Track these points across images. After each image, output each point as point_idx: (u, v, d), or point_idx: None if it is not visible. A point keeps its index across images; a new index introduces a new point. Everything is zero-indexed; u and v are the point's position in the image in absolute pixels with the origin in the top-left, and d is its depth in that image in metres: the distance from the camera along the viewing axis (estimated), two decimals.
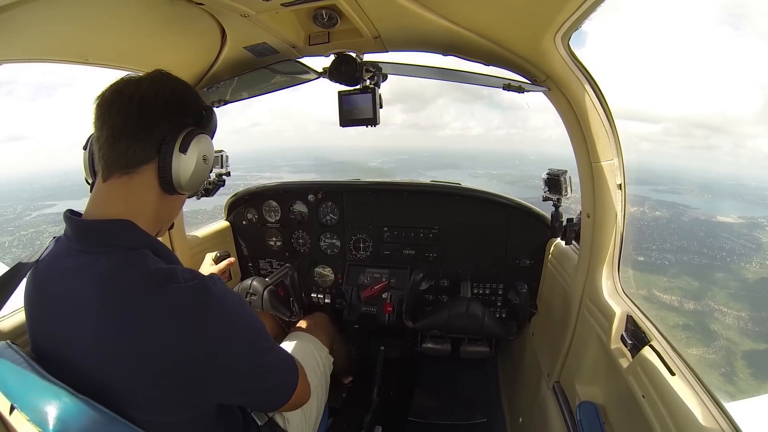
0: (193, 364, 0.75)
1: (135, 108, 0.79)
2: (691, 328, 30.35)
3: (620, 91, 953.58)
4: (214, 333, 0.77)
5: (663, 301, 33.12)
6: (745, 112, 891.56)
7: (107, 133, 0.80)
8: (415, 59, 1.32)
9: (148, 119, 0.80)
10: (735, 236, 51.69)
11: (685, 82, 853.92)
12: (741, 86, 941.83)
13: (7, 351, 0.78)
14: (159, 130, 0.81)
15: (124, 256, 0.78)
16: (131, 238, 0.81)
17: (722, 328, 30.82)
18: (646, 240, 44.75)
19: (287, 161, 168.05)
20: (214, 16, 1.10)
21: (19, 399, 0.71)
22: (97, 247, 0.79)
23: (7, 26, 0.81)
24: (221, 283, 0.82)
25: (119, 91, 0.80)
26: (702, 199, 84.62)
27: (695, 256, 43.65)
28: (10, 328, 1.18)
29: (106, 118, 0.79)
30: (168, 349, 0.73)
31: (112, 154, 0.80)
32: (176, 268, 0.79)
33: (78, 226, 0.82)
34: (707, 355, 27.61)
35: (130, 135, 0.79)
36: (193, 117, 0.88)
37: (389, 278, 2.19)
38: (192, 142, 0.84)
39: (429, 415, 2.24)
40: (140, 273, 0.76)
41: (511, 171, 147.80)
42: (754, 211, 75.84)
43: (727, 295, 34.53)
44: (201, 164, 0.87)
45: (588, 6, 0.85)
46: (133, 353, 0.72)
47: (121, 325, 0.72)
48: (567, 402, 1.48)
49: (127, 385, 0.74)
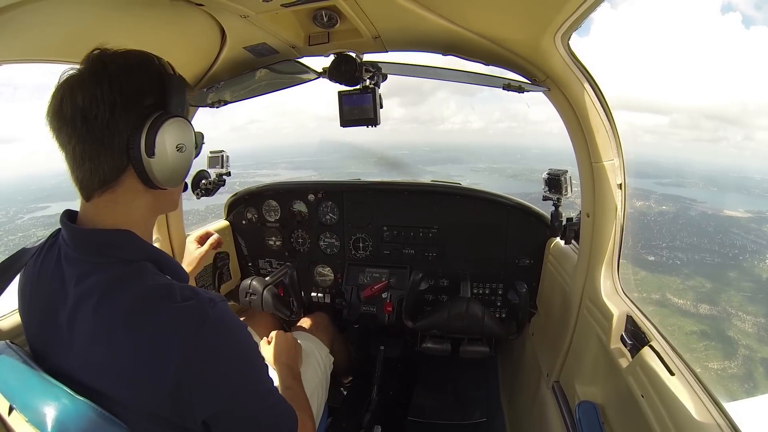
0: (179, 389, 0.69)
1: (82, 129, 0.70)
2: (708, 335, 28.65)
3: (628, 80, 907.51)
4: (202, 360, 0.70)
5: (679, 306, 31.57)
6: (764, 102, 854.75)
7: (69, 156, 0.73)
8: (415, 59, 1.32)
9: (101, 133, 0.70)
10: (745, 231, 50.49)
11: (700, 71, 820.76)
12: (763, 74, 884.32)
13: (6, 351, 0.78)
14: (118, 137, 0.72)
15: (122, 270, 0.74)
16: (129, 250, 0.77)
17: (742, 335, 29.25)
18: (655, 237, 43.90)
19: (285, 158, 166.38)
20: (214, 16, 1.10)
21: (18, 399, 0.70)
22: (94, 257, 0.75)
23: (7, 26, 0.81)
24: (223, 308, 0.75)
25: (59, 111, 0.70)
26: (708, 193, 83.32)
27: (707, 255, 42.48)
28: (9, 327, 1.18)
29: (62, 142, 0.72)
30: (157, 368, 0.69)
31: (83, 176, 0.73)
32: (175, 285, 0.75)
33: (74, 234, 0.77)
34: (730, 369, 26.05)
35: (92, 155, 0.71)
36: (153, 97, 0.75)
37: (389, 278, 2.19)
38: (157, 138, 0.73)
39: (429, 415, 2.24)
40: (137, 290, 0.72)
41: (513, 165, 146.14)
42: (762, 205, 74.32)
43: (744, 298, 33.18)
44: (178, 156, 0.77)
45: (588, 6, 0.85)
46: (122, 369, 0.70)
47: (114, 341, 0.70)
48: (566, 402, 1.48)
49: (117, 398, 0.71)
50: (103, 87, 0.69)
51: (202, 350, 0.70)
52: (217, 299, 0.76)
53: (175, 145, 0.76)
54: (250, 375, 0.78)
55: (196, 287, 0.78)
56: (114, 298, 0.71)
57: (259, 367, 0.81)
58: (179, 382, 0.69)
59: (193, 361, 0.69)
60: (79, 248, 0.77)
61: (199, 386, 0.71)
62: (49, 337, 0.78)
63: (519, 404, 2.01)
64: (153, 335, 0.69)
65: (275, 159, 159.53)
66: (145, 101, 0.74)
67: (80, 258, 0.76)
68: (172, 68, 0.81)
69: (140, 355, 0.69)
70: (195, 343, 0.70)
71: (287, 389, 1.26)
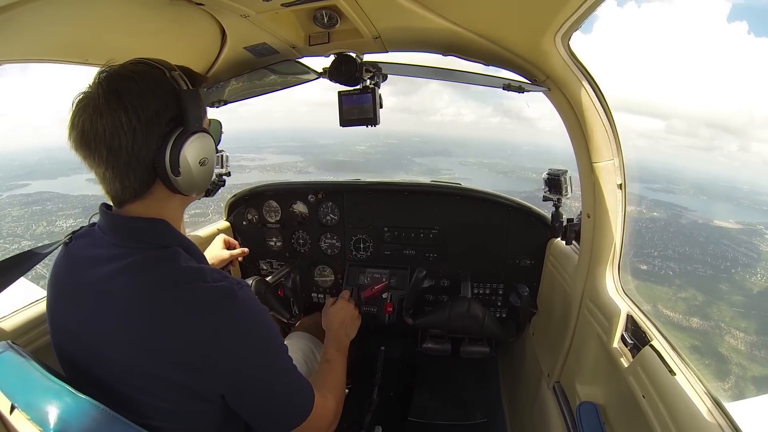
0: (206, 361, 0.76)
1: (108, 157, 0.74)
2: (701, 351, 28.44)
3: (627, 82, 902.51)
4: (230, 335, 0.77)
5: (671, 320, 31.75)
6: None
7: (99, 177, 0.78)
8: (415, 59, 1.32)
9: (127, 158, 0.75)
10: (736, 243, 50.92)
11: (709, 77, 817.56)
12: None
13: (8, 350, 0.78)
14: (144, 159, 0.76)
15: (157, 253, 0.80)
16: (165, 237, 0.83)
17: (735, 354, 28.95)
18: (646, 245, 44.05)
19: (273, 142, 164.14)
20: (214, 16, 1.10)
21: (20, 398, 0.71)
22: (131, 242, 0.81)
23: (7, 26, 0.81)
24: (248, 291, 0.83)
25: (82, 141, 0.74)
26: (698, 201, 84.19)
27: (699, 266, 42.70)
28: (11, 328, 1.18)
29: (90, 165, 0.77)
30: (184, 341, 0.75)
31: (115, 192, 0.79)
32: (206, 268, 0.82)
33: (113, 220, 0.83)
34: (725, 390, 25.68)
35: (122, 177, 0.77)
36: (170, 113, 0.78)
37: (389, 278, 2.19)
38: (181, 158, 0.78)
39: (429, 415, 2.24)
40: (170, 269, 0.79)
41: (503, 161, 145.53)
42: (751, 217, 75.31)
43: (736, 314, 32.93)
44: (201, 170, 0.84)
45: (588, 6, 0.85)
46: (151, 341, 0.75)
47: (146, 316, 0.75)
48: (567, 402, 1.48)
49: (140, 372, 0.76)
50: (121, 117, 0.73)
51: (230, 326, 0.77)
52: (243, 283, 0.84)
53: (198, 161, 0.82)
54: (271, 352, 0.85)
55: (224, 272, 0.85)
56: (148, 277, 0.77)
57: (279, 346, 0.87)
58: (207, 354, 0.75)
59: (221, 336, 0.76)
60: (117, 234, 0.82)
61: (224, 359, 0.77)
62: (80, 316, 0.81)
63: (519, 404, 2.01)
64: (186, 311, 0.75)
65: (262, 142, 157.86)
66: (163, 121, 0.77)
67: (118, 243, 0.82)
68: (182, 76, 0.82)
69: (171, 329, 0.75)
70: (225, 319, 0.77)
71: (327, 361, 1.27)
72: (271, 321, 0.87)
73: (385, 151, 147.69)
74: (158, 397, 0.77)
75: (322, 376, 1.19)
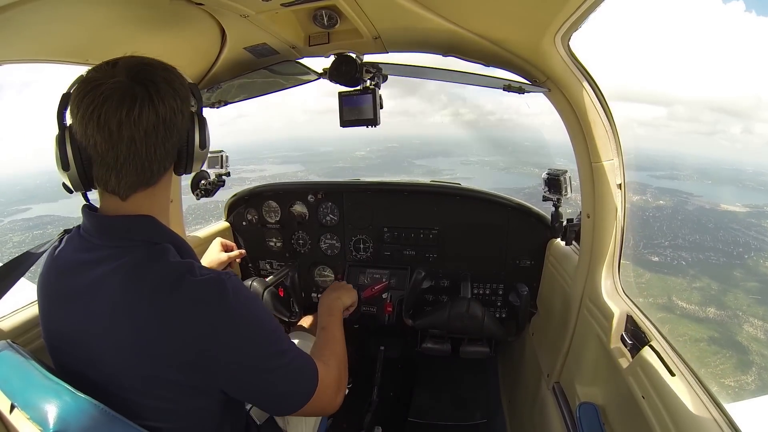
0: (202, 356, 0.76)
1: (136, 149, 0.75)
2: (719, 342, 26.48)
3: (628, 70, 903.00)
4: (227, 326, 0.77)
5: (687, 312, 29.80)
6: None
7: (111, 170, 0.76)
8: (415, 60, 1.32)
9: (153, 149, 0.77)
10: (745, 227, 49.13)
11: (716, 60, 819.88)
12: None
13: (7, 350, 0.79)
14: (170, 147, 0.81)
15: (147, 251, 0.80)
16: (154, 233, 0.83)
17: (755, 343, 27.22)
18: (656, 235, 42.98)
19: (273, 153, 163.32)
20: (214, 16, 1.10)
21: (20, 398, 0.71)
22: (119, 241, 0.80)
23: (7, 26, 0.81)
24: (237, 280, 0.83)
25: (105, 126, 0.72)
26: (703, 186, 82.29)
27: (711, 254, 40.97)
28: (10, 327, 1.18)
29: (109, 161, 0.75)
30: (180, 339, 0.75)
31: (128, 182, 0.78)
32: (194, 263, 0.82)
33: (98, 221, 0.83)
34: (747, 384, 23.82)
35: (144, 166, 0.77)
36: (192, 97, 0.85)
37: (389, 279, 2.19)
38: (206, 131, 0.87)
39: (429, 416, 2.24)
40: (161, 267, 0.78)
41: (504, 157, 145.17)
42: (758, 198, 72.91)
43: (753, 301, 31.41)
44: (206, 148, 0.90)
45: (587, 6, 0.85)
46: (147, 342, 0.74)
47: (137, 315, 0.75)
48: (567, 402, 1.48)
49: (137, 374, 0.75)
50: (176, 101, 0.78)
51: (226, 316, 0.77)
52: (231, 273, 0.84)
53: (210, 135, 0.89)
54: (269, 336, 0.85)
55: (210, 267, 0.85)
56: (139, 275, 0.77)
57: (275, 330, 0.87)
58: (206, 348, 0.76)
59: (218, 328, 0.76)
60: (104, 235, 0.82)
61: (224, 351, 0.78)
62: (71, 321, 0.80)
63: (519, 405, 2.01)
64: (178, 308, 0.75)
65: (263, 154, 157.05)
66: (187, 107, 0.83)
67: (104, 244, 0.81)
68: None
69: (167, 328, 0.75)
70: (217, 311, 0.77)
71: (322, 329, 1.26)
72: (263, 305, 0.87)
73: (385, 155, 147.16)
74: (157, 397, 0.77)
75: (320, 343, 1.17)
